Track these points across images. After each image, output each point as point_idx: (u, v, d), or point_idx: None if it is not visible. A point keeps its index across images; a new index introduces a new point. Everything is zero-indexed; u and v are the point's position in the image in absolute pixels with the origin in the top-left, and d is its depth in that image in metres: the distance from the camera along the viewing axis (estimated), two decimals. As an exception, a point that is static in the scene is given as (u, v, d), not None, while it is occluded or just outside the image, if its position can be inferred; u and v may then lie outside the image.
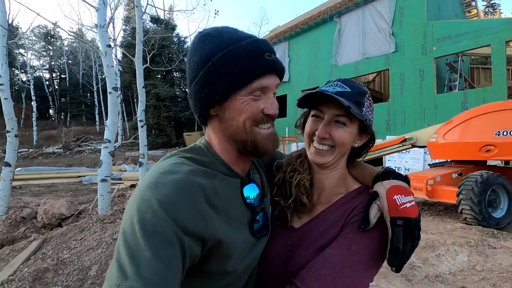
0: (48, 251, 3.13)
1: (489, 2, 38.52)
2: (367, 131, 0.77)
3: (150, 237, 0.48)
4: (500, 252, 3.42)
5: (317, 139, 0.74)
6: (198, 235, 0.54)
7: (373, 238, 0.66)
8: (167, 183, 0.54)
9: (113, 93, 3.89)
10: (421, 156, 9.73)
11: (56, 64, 39.07)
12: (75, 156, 20.10)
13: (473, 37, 9.52)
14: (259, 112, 0.64)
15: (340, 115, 0.72)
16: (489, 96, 8.81)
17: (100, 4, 3.76)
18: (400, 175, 0.72)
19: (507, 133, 4.67)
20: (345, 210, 0.73)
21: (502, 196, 4.56)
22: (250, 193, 0.69)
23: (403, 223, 0.62)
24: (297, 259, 0.71)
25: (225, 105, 0.64)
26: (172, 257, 0.49)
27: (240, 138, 0.65)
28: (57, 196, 7.87)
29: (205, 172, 0.61)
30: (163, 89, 22.52)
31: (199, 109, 0.66)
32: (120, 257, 0.48)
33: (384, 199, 0.65)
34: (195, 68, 0.64)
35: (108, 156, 3.90)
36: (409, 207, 0.63)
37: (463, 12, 15.15)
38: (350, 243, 0.65)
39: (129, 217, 0.52)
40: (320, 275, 0.62)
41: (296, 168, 0.80)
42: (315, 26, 14.83)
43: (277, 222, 0.79)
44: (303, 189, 0.76)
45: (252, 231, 0.68)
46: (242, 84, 0.62)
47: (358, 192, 0.76)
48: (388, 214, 0.63)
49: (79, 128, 31.43)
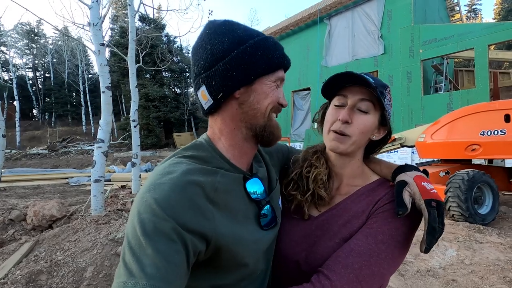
0: (40, 253, 3.06)
1: (471, 7, 39.92)
2: (386, 125, 0.78)
3: (151, 235, 0.50)
4: (487, 247, 3.57)
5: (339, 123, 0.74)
6: (200, 231, 0.55)
7: (398, 228, 0.67)
8: (164, 183, 0.55)
9: (106, 92, 3.84)
10: (409, 155, 10.00)
11: (40, 62, 37.93)
12: (61, 157, 19.57)
13: (458, 41, 9.87)
14: (277, 100, 0.68)
15: (364, 99, 0.73)
16: (473, 98, 9.15)
17: (93, 1, 3.71)
18: (418, 169, 0.74)
19: (491, 132, 4.87)
20: (369, 201, 0.74)
21: (487, 193, 4.75)
22: (253, 187, 0.70)
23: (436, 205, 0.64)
24: (320, 249, 0.73)
25: (253, 87, 0.65)
26: (174, 253, 0.50)
27: (260, 123, 0.67)
28: (44, 198, 7.66)
29: (204, 169, 0.62)
30: (152, 89, 22.21)
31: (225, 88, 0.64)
32: (125, 257, 0.50)
33: (414, 185, 0.67)
34: (225, 48, 0.63)
35: (101, 156, 3.84)
36: (436, 192, 0.66)
37: (447, 16, 15.66)
38: (376, 233, 0.67)
39: (131, 220, 0.54)
40: (348, 263, 0.64)
41: (313, 163, 0.81)
42: (306, 28, 15.00)
43: (294, 216, 0.80)
44: (320, 183, 0.78)
45: (259, 224, 0.69)
46: (272, 69, 0.66)
47: (378, 184, 0.78)
48: (421, 197, 0.65)
49: (64, 128, 30.60)
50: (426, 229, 0.64)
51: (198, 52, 0.67)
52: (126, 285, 0.47)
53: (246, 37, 0.65)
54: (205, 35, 0.67)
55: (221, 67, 0.63)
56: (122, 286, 0.47)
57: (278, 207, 0.78)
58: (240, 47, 0.63)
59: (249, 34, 0.66)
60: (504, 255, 3.34)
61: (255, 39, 0.65)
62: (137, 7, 5.32)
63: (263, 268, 0.72)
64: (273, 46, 0.67)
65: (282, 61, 0.68)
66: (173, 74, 25.63)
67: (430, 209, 0.63)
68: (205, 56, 0.65)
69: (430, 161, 6.56)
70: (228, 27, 0.66)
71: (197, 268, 0.59)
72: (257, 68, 0.64)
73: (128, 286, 0.47)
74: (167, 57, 18.70)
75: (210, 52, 0.64)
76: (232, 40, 0.64)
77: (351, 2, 12.77)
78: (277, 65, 0.67)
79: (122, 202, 4.34)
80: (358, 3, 12.65)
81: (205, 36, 0.66)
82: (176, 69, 24.86)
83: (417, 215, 0.68)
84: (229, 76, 0.63)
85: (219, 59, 0.63)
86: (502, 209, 5.16)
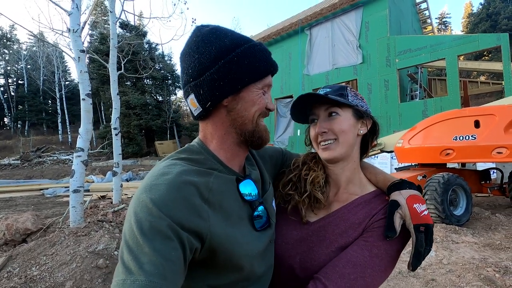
0: (14, 269, 2.89)
1: (441, 20, 42.40)
2: (365, 116, 0.81)
3: (147, 233, 0.51)
4: (462, 246, 3.74)
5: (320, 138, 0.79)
6: (195, 230, 0.56)
7: (392, 244, 0.70)
8: (160, 184, 0.57)
9: (86, 99, 3.74)
10: (388, 160, 10.33)
11: (13, 69, 36.27)
12: (35, 167, 18.62)
13: (430, 51, 10.44)
14: (264, 106, 0.70)
15: (329, 107, 0.78)
16: (445, 105, 9.66)
17: (73, 8, 3.63)
18: (413, 184, 0.75)
19: (463, 137, 5.16)
20: (366, 213, 0.76)
21: (461, 195, 4.99)
22: (246, 189, 0.70)
23: (425, 229, 0.67)
24: (316, 255, 0.74)
25: (241, 95, 0.67)
26: (171, 250, 0.51)
27: (248, 129, 0.69)
28: (17, 210, 7.25)
29: (198, 170, 0.63)
30: (133, 96, 21.75)
31: (213, 97, 0.66)
32: (124, 256, 0.51)
33: (406, 208, 0.69)
34: (212, 57, 0.64)
35: (80, 165, 3.71)
36: (427, 215, 0.69)
37: (420, 28, 16.55)
38: (371, 247, 0.69)
39: (128, 220, 0.55)
40: (345, 273, 0.66)
41: (311, 166, 0.84)
42: (287, 37, 15.34)
43: (291, 217, 0.82)
44: (317, 186, 0.80)
45: (253, 226, 0.69)
46: (259, 77, 0.68)
47: (374, 195, 0.80)
48: (411, 221, 0.67)
49: (39, 137, 29.22)
50: (413, 252, 0.67)
51: (186, 59, 0.68)
52: (125, 282, 0.48)
53: (233, 46, 0.65)
54: (192, 43, 0.67)
55: (209, 77, 0.65)
56: (121, 283, 0.48)
57: (272, 209, 0.79)
58: (227, 57, 0.64)
59: (236, 42, 0.66)
60: (478, 254, 3.51)
61: (241, 48, 0.66)
62: (118, 14, 5.26)
63: (261, 271, 0.71)
64: (259, 54, 0.68)
65: (269, 68, 0.70)
66: (155, 82, 25.26)
67: (418, 234, 0.66)
68: (193, 65, 0.66)
69: (408, 165, 6.82)
70: (215, 35, 0.66)
71: (194, 268, 0.60)
72: (243, 77, 0.66)
73: (127, 283, 0.47)
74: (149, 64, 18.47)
75: (197, 61, 0.65)
76: (219, 49, 0.65)
77: (330, 13, 13.24)
78: (264, 72, 0.69)
79: (102, 213, 4.20)
80: (337, 14, 13.13)
81: (192, 44, 0.67)
82: (158, 76, 24.54)
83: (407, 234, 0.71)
84: (217, 86, 0.65)
85: (206, 69, 0.65)
86: (476, 210, 5.43)
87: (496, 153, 4.87)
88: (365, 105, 0.82)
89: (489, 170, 6.44)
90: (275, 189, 0.87)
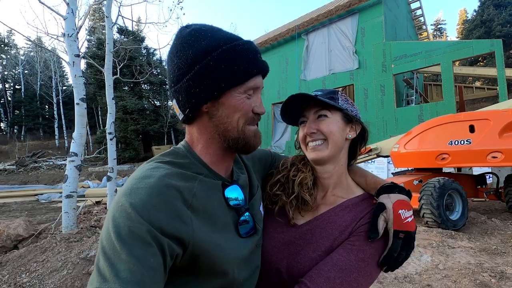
0: (3, 276, 2.84)
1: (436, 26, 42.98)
2: (354, 121, 0.81)
3: (125, 239, 0.49)
4: (458, 251, 3.72)
5: (308, 138, 0.80)
6: (177, 236, 0.53)
7: (378, 249, 0.70)
8: (141, 187, 0.54)
9: (81, 104, 3.72)
10: (385, 165, 10.35)
11: (10, 74, 36.19)
12: (31, 173, 18.46)
13: (426, 57, 10.55)
14: (250, 111, 0.66)
15: (318, 109, 0.79)
16: (441, 110, 9.73)
17: (68, 13, 3.64)
18: (404, 189, 0.76)
19: (458, 142, 5.18)
20: (353, 217, 0.76)
21: (457, 200, 4.98)
22: (232, 194, 0.68)
23: (404, 236, 0.67)
24: (303, 259, 0.73)
25: (220, 101, 0.64)
26: (150, 256, 0.49)
27: (232, 135, 0.66)
28: (10, 216, 7.15)
29: (182, 174, 0.61)
30: (130, 101, 21.73)
31: (190, 105, 0.64)
32: (99, 263, 0.49)
33: (391, 212, 0.69)
34: (188, 62, 0.62)
35: (74, 171, 3.68)
36: (410, 221, 0.69)
37: (415, 34, 16.74)
38: (358, 251, 0.69)
39: (106, 225, 0.52)
40: (330, 277, 0.66)
41: (299, 168, 0.84)
42: (284, 43, 15.46)
43: (278, 219, 0.81)
44: (305, 188, 0.80)
45: (238, 232, 0.67)
46: (240, 81, 0.63)
47: (362, 199, 0.80)
48: (392, 226, 0.68)
49: (35, 142, 29.03)
50: (384, 254, 0.68)
51: (168, 63, 0.67)
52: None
53: (210, 49, 0.62)
54: (173, 46, 0.66)
55: (185, 84, 0.63)
56: None
57: (260, 214, 0.77)
58: (203, 61, 0.61)
59: (214, 45, 0.62)
60: (474, 259, 3.49)
61: (218, 51, 0.62)
62: (115, 19, 5.27)
63: (245, 276, 0.69)
64: (241, 55, 0.63)
65: (252, 70, 0.64)
66: (152, 87, 25.28)
67: (395, 240, 0.67)
68: (173, 70, 0.64)
69: (405, 170, 6.83)
70: (194, 37, 0.63)
71: (177, 275, 0.58)
72: (220, 82, 0.62)
73: None
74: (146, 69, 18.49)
75: (176, 66, 0.64)
76: (195, 52, 0.62)
77: (327, 19, 13.37)
78: (247, 75, 0.64)
79: (96, 218, 4.15)
80: (334, 20, 13.27)
81: (173, 48, 0.65)
82: (155, 81, 24.57)
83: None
84: (193, 93, 0.63)
85: (183, 74, 0.63)
86: (472, 215, 5.43)
87: (491, 158, 4.89)
88: (355, 110, 0.83)
89: (485, 174, 6.46)
90: (263, 190, 0.86)
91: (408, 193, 0.75)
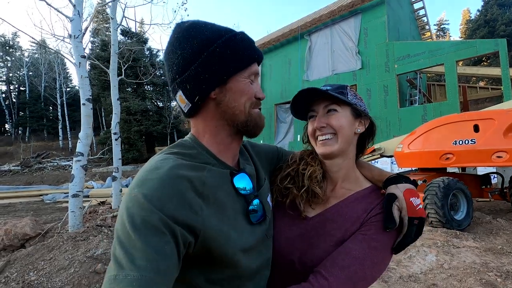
0: (12, 274, 2.87)
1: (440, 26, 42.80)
2: (363, 115, 0.83)
3: (140, 228, 0.50)
4: (463, 251, 3.71)
5: (318, 132, 0.81)
6: (188, 224, 0.55)
7: (390, 237, 0.72)
8: (152, 178, 0.56)
9: (87, 104, 3.77)
10: (389, 165, 10.32)
11: (15, 75, 36.55)
12: (35, 173, 18.62)
13: (429, 57, 10.51)
14: (254, 95, 0.70)
15: (328, 104, 0.80)
16: (444, 110, 9.68)
17: (74, 14, 3.69)
18: (409, 179, 0.78)
19: (462, 142, 5.16)
20: (363, 208, 0.78)
21: (462, 199, 4.96)
22: (241, 183, 0.70)
23: (418, 222, 0.70)
24: (316, 250, 0.75)
25: (228, 86, 0.67)
26: (164, 244, 0.51)
27: (240, 119, 0.69)
28: (16, 216, 7.22)
29: (191, 165, 0.63)
30: (134, 102, 21.86)
31: (200, 91, 0.66)
32: (116, 252, 0.51)
33: (403, 201, 0.71)
34: (195, 51, 0.64)
35: (80, 170, 3.72)
36: (421, 208, 0.72)
37: (418, 34, 16.69)
38: (370, 240, 0.71)
39: (120, 216, 0.55)
40: (344, 265, 0.67)
41: (308, 162, 0.85)
42: (287, 43, 15.47)
43: (289, 211, 0.82)
44: (315, 181, 0.81)
45: (248, 219, 0.69)
46: (244, 65, 0.67)
47: (371, 191, 0.82)
48: (406, 214, 0.70)
49: (39, 143, 29.27)
50: (399, 241, 0.71)
51: (170, 57, 0.68)
52: (116, 278, 0.47)
53: (214, 38, 0.65)
54: (174, 39, 0.67)
55: (193, 71, 0.65)
56: (112, 279, 0.47)
57: (268, 204, 0.79)
58: (209, 49, 0.64)
59: (217, 34, 0.66)
60: (479, 258, 3.48)
61: (223, 39, 0.65)
62: (119, 21, 5.32)
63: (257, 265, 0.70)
64: (242, 42, 0.68)
65: (253, 56, 0.69)
66: (156, 88, 25.40)
67: (411, 227, 0.70)
68: (177, 61, 0.66)
69: (409, 170, 6.80)
70: (195, 29, 0.66)
71: (191, 262, 0.60)
72: (228, 67, 0.65)
73: (119, 279, 0.47)
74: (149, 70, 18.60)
75: (181, 57, 0.65)
76: (200, 42, 0.64)
77: (329, 20, 13.37)
78: (249, 60, 0.68)
79: (101, 218, 4.18)
80: (336, 20, 13.27)
81: (174, 41, 0.67)
82: (158, 82, 24.69)
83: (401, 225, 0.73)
84: (202, 79, 0.65)
85: (190, 63, 0.65)
86: (476, 215, 5.40)
87: (496, 157, 4.86)
88: (364, 105, 0.84)
89: (490, 174, 6.42)
90: (272, 183, 0.87)
91: (414, 182, 0.77)
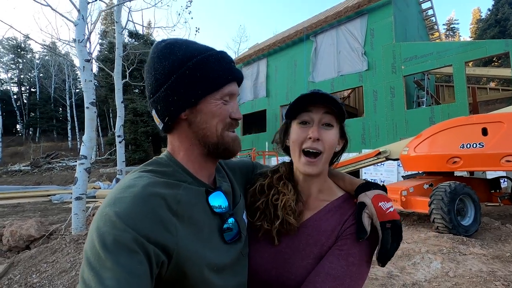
0: (15, 276, 2.91)
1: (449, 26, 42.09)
2: (344, 136, 0.82)
3: (110, 247, 0.48)
4: (470, 258, 3.62)
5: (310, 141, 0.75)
6: (162, 243, 0.53)
7: (366, 247, 0.71)
8: (125, 196, 0.55)
9: (90, 108, 3.81)
10: (395, 168, 10.18)
11: (26, 77, 37.36)
12: (44, 173, 18.98)
13: (437, 58, 10.33)
14: (227, 116, 0.69)
15: (328, 112, 0.75)
16: (453, 112, 9.50)
17: (79, 19, 3.73)
18: (378, 185, 0.78)
19: (470, 145, 5.04)
20: (337, 220, 0.76)
21: (469, 204, 4.85)
22: (216, 201, 0.69)
23: (391, 226, 0.69)
24: (293, 268, 0.73)
25: (198, 108, 0.66)
26: (137, 263, 0.49)
27: (211, 141, 0.68)
28: (24, 216, 7.35)
29: (166, 182, 0.61)
30: (140, 104, 22.12)
31: (169, 113, 0.66)
32: (84, 275, 0.48)
33: (372, 207, 0.71)
34: (165, 72, 0.65)
35: (83, 173, 3.76)
36: (392, 211, 0.71)
37: (427, 35, 16.43)
38: (347, 256, 0.70)
39: (90, 236, 0.52)
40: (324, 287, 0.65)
41: (280, 190, 0.81)
42: (293, 45, 15.41)
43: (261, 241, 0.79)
44: (289, 210, 0.77)
45: (222, 238, 0.68)
46: (216, 87, 0.66)
47: (343, 200, 0.81)
48: (377, 219, 0.70)
49: (49, 144, 29.84)
50: (379, 249, 0.69)
51: (146, 76, 0.69)
52: None
53: (185, 60, 0.65)
54: (150, 59, 0.68)
55: (163, 93, 0.65)
56: None
57: (243, 221, 0.77)
58: (179, 71, 0.64)
59: (189, 55, 0.65)
60: (486, 266, 3.38)
61: (194, 60, 0.65)
62: (124, 24, 5.38)
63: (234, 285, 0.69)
64: (215, 64, 0.67)
65: (226, 77, 0.68)
66: (162, 89, 25.64)
67: (384, 231, 0.69)
68: (151, 82, 0.67)
69: (415, 173, 6.69)
70: (170, 49, 0.66)
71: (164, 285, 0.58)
72: (197, 90, 0.65)
73: None
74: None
75: (154, 78, 0.66)
76: (171, 63, 0.65)
77: (335, 21, 13.27)
78: (223, 81, 0.67)
79: (105, 220, 4.22)
80: (342, 21, 13.16)
81: (150, 61, 0.68)
82: (165, 84, 24.92)
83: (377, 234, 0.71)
84: (171, 101, 0.65)
85: (161, 85, 0.65)
86: (485, 220, 5.27)
87: (505, 162, 4.74)
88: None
89: (499, 178, 6.27)
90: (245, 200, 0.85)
91: (383, 188, 0.78)
